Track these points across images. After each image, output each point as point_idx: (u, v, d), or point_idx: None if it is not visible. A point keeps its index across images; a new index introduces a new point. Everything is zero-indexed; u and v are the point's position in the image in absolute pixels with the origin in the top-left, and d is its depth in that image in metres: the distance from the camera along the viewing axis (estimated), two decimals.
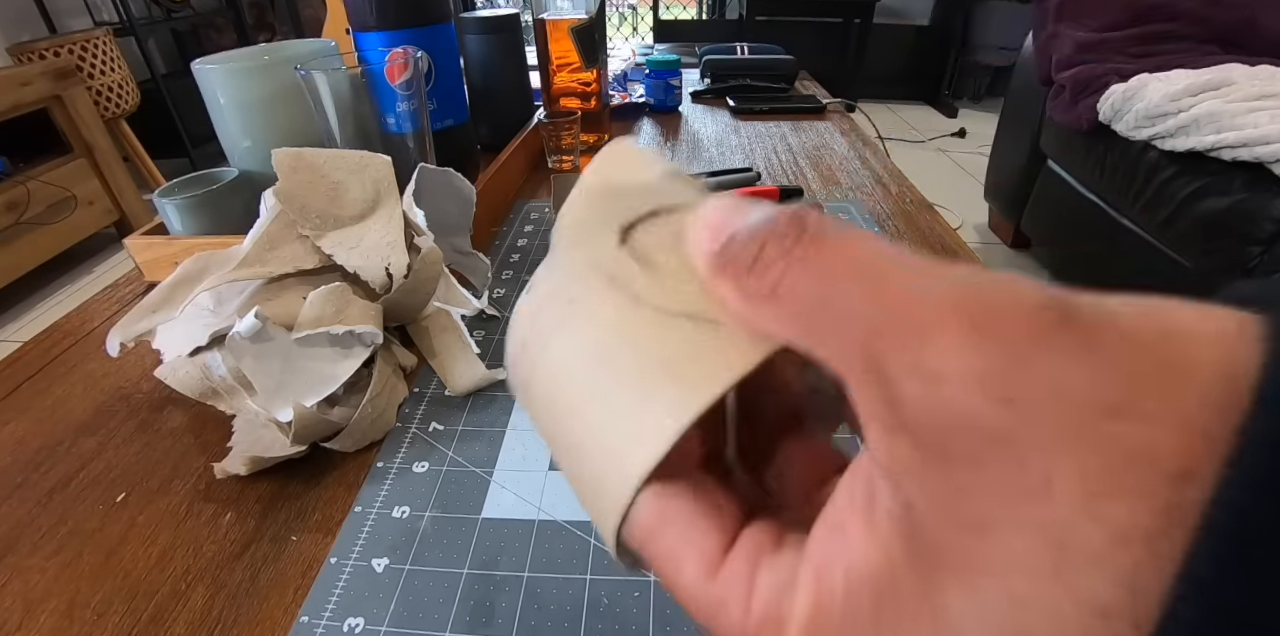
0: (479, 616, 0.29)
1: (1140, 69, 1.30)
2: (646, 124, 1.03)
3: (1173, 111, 1.17)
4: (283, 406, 0.37)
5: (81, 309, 0.55)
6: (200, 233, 0.56)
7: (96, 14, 2.53)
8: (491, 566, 0.32)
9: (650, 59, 1.05)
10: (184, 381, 0.41)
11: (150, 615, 0.30)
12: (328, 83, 0.49)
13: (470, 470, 0.37)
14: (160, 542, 0.33)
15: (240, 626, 0.29)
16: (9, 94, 1.80)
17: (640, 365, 0.12)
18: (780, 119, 1.02)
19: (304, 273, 0.43)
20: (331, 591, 0.31)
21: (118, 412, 0.42)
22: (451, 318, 0.46)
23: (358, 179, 0.45)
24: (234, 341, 0.37)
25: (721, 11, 3.36)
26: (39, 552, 0.33)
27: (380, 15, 0.63)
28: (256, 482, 0.37)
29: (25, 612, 0.30)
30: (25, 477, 0.38)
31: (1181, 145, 1.16)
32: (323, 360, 0.40)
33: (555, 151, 0.81)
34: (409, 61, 0.51)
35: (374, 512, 0.35)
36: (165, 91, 2.47)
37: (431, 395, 0.43)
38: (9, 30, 2.20)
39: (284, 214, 0.43)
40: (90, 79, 2.10)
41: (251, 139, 0.59)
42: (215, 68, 0.57)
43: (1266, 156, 1.04)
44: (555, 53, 0.83)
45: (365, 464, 0.38)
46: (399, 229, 0.44)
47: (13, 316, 1.82)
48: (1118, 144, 1.32)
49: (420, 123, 0.55)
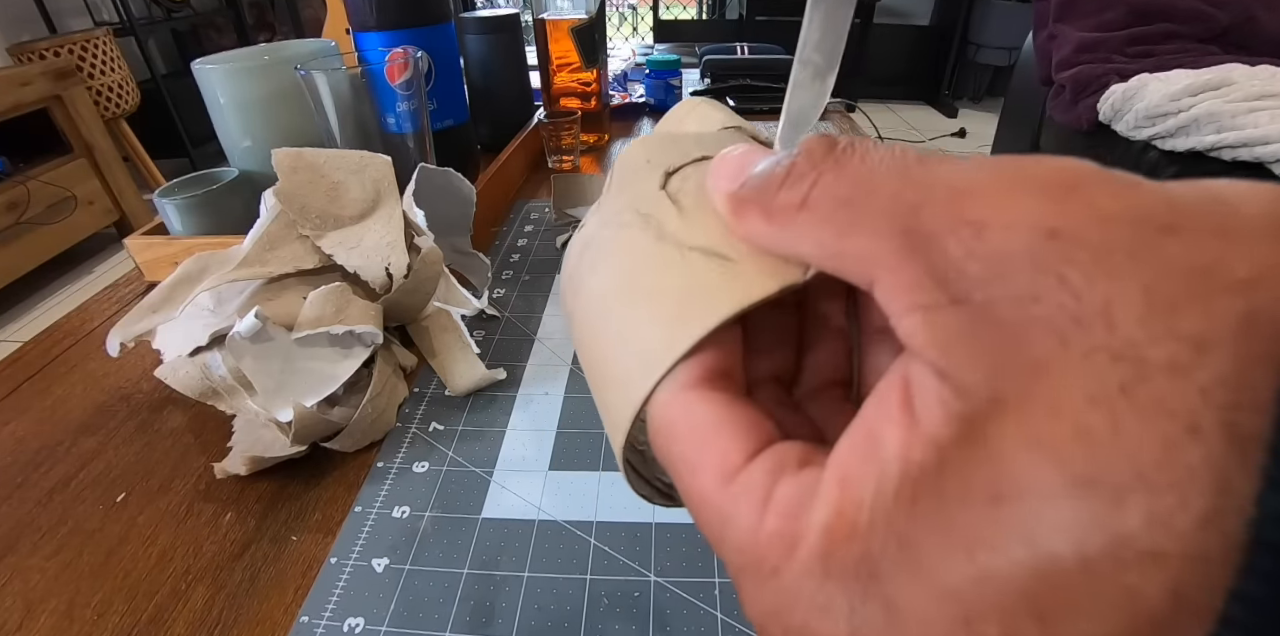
0: (479, 616, 0.29)
1: (1140, 69, 1.30)
2: (646, 124, 1.03)
3: (1173, 111, 1.17)
4: (283, 406, 0.37)
5: (81, 309, 0.55)
6: (200, 233, 0.56)
7: (96, 14, 2.53)
8: (491, 566, 0.32)
9: (650, 59, 1.05)
10: (184, 381, 0.41)
11: (150, 615, 0.30)
12: (328, 83, 0.49)
13: (470, 470, 0.37)
14: (160, 542, 0.33)
15: (240, 626, 0.29)
16: (9, 94, 1.81)
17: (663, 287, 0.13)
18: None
19: (304, 273, 0.43)
20: (331, 591, 0.31)
21: (118, 412, 0.42)
22: (451, 318, 0.46)
23: (358, 179, 0.45)
24: (234, 341, 0.37)
25: (721, 11, 3.36)
26: (39, 552, 0.33)
27: (380, 15, 0.63)
28: (256, 482, 0.37)
29: (25, 612, 0.30)
30: (25, 477, 0.38)
31: (1181, 145, 1.16)
32: (323, 360, 0.40)
33: (555, 151, 0.81)
34: (409, 61, 0.51)
35: (374, 512, 0.35)
36: (165, 91, 2.47)
37: (431, 395, 0.43)
38: (9, 30, 2.20)
39: (284, 214, 0.43)
40: (90, 79, 2.10)
41: (251, 139, 0.59)
42: (215, 68, 0.57)
43: (1266, 156, 1.04)
44: (555, 53, 0.83)
45: (365, 464, 0.38)
46: (399, 229, 0.44)
47: (13, 316, 1.82)
48: (1118, 144, 1.32)
49: (420, 123, 0.55)
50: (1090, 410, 0.08)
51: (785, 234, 0.12)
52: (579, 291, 0.15)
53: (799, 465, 0.11)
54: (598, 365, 0.14)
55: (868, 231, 0.10)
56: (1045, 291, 0.08)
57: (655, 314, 0.13)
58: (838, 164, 0.11)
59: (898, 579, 0.09)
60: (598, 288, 0.15)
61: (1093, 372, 0.08)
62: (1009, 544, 0.08)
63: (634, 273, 0.14)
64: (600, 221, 0.16)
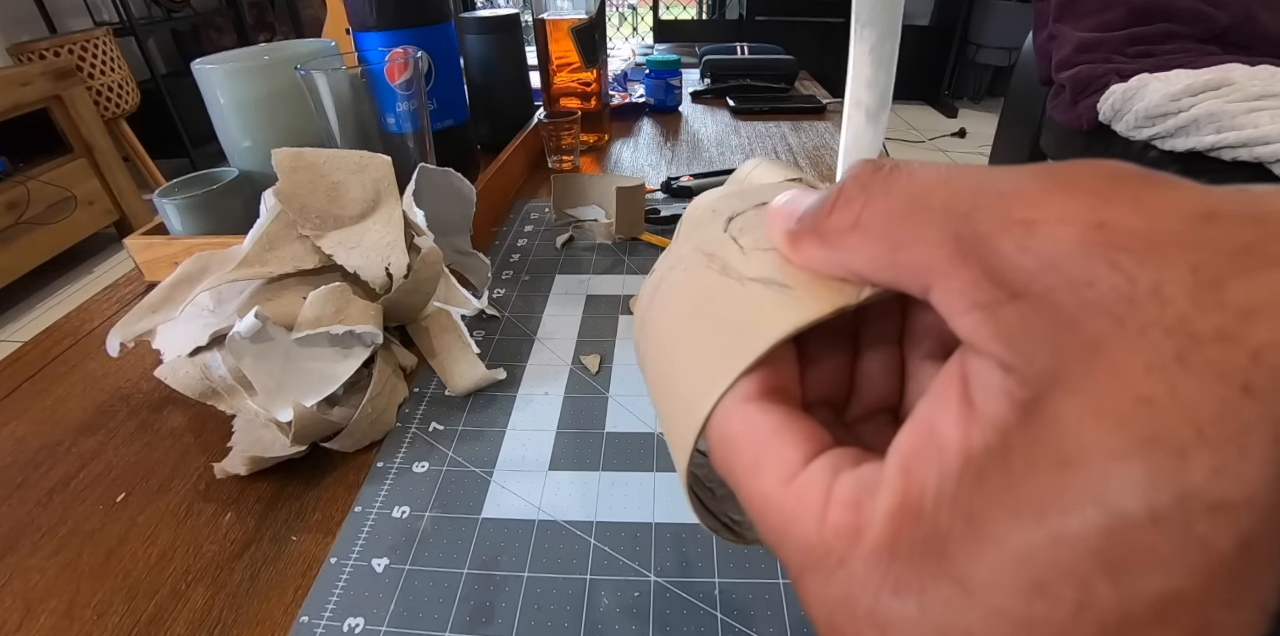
0: (479, 616, 0.29)
1: (1140, 69, 1.30)
2: (646, 124, 1.03)
3: (1173, 111, 1.17)
4: (283, 406, 0.37)
5: (81, 309, 0.55)
6: (200, 233, 0.56)
7: (96, 14, 2.53)
8: (491, 566, 0.32)
9: (650, 59, 1.05)
10: (184, 381, 0.41)
11: (150, 615, 0.30)
12: (328, 83, 0.49)
13: (470, 470, 0.37)
14: (160, 542, 0.33)
15: (240, 626, 0.29)
16: (9, 94, 1.81)
17: (726, 314, 0.15)
18: (780, 119, 1.02)
19: (304, 273, 0.43)
20: (331, 591, 0.31)
21: (118, 412, 0.42)
22: (451, 317, 0.46)
23: (358, 179, 0.45)
24: (234, 341, 0.37)
25: (721, 11, 3.36)
26: (39, 552, 0.33)
27: (380, 15, 0.63)
28: (256, 482, 0.37)
29: (25, 612, 0.30)
30: (25, 477, 0.38)
31: (1181, 145, 1.16)
32: (323, 360, 0.40)
33: (555, 151, 0.81)
34: (409, 61, 0.51)
35: (374, 512, 0.35)
36: (165, 91, 2.47)
37: (431, 395, 0.43)
38: (9, 30, 2.20)
39: (284, 214, 0.43)
40: (90, 79, 2.10)
41: (251, 139, 0.59)
42: (215, 68, 0.57)
43: (1266, 156, 1.04)
44: (555, 53, 0.83)
45: (365, 464, 0.38)
46: (399, 229, 0.44)
47: (13, 316, 1.82)
48: (1118, 144, 1.32)
49: (420, 123, 0.55)
50: (1148, 378, 0.08)
51: (840, 254, 0.12)
52: (649, 328, 0.17)
53: (855, 462, 0.12)
54: (666, 393, 0.15)
55: (921, 242, 0.11)
56: (1099, 276, 0.09)
57: (719, 337, 0.14)
58: (885, 185, 0.12)
59: (967, 553, 0.09)
60: (666, 322, 0.16)
61: (1149, 345, 0.08)
62: (1080, 505, 0.08)
63: (700, 303, 0.15)
64: (668, 265, 0.17)
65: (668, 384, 0.15)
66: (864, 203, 0.12)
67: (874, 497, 0.11)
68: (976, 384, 0.10)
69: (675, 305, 0.16)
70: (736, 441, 0.13)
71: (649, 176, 0.80)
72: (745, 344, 0.13)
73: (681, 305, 0.16)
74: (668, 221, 0.64)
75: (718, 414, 0.13)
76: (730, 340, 0.14)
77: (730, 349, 0.14)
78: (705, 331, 0.15)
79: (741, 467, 0.13)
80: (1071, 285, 0.09)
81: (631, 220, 0.60)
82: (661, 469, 0.37)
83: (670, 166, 0.84)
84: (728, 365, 0.13)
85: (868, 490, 0.11)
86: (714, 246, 0.16)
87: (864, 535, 0.10)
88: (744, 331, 0.14)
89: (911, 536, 0.10)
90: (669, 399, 0.15)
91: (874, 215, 0.12)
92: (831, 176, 0.78)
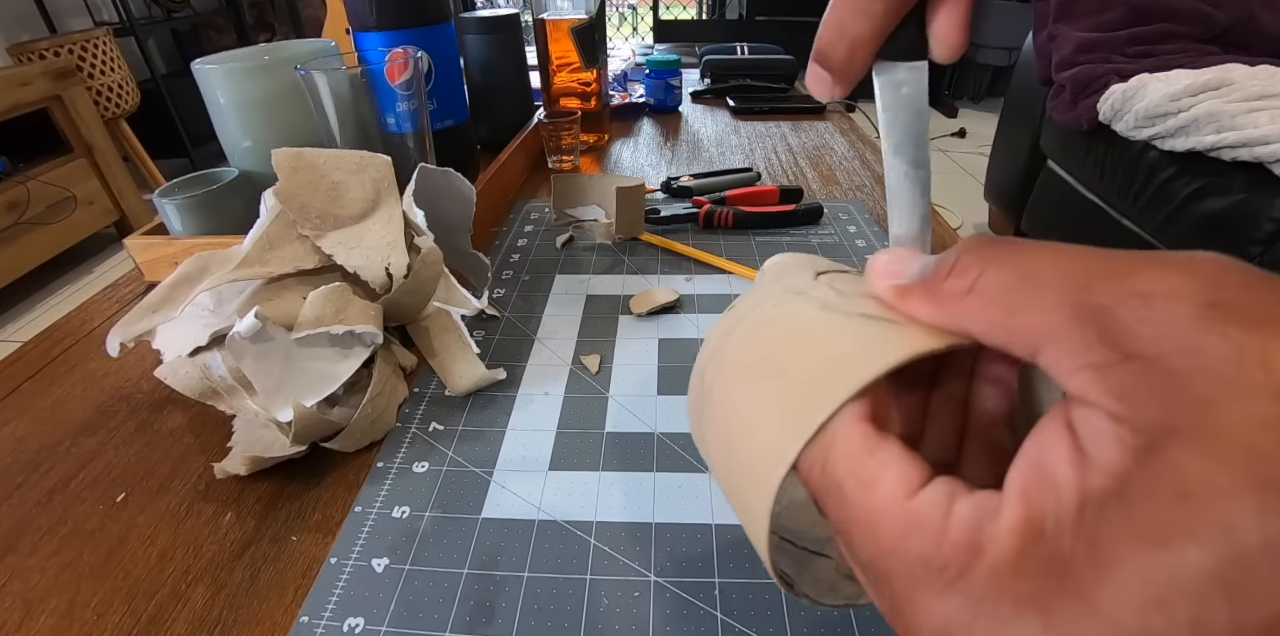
0: (479, 616, 0.29)
1: (1140, 69, 1.30)
2: (646, 124, 1.03)
3: (1173, 111, 1.17)
4: (283, 406, 0.37)
5: (81, 309, 0.55)
6: (200, 233, 0.56)
7: (96, 14, 2.53)
8: (491, 566, 0.32)
9: (650, 59, 1.05)
10: (184, 381, 0.41)
11: (150, 615, 0.30)
12: (328, 83, 0.49)
13: (470, 470, 0.37)
14: (160, 542, 0.33)
15: (240, 626, 0.29)
16: (9, 94, 1.81)
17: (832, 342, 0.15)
18: (780, 119, 1.02)
19: (304, 273, 0.43)
20: (331, 591, 0.31)
21: (118, 412, 0.42)
22: (451, 317, 0.46)
23: (358, 179, 0.45)
24: (234, 341, 0.37)
25: (721, 11, 3.36)
26: (39, 552, 0.33)
27: (380, 15, 0.63)
28: (256, 482, 0.37)
29: (25, 612, 0.30)
30: (25, 477, 0.38)
31: (1181, 145, 1.16)
32: (323, 360, 0.40)
33: (555, 151, 0.81)
34: (409, 61, 0.51)
35: (374, 512, 0.35)
36: (165, 91, 2.47)
37: (431, 395, 0.43)
38: (9, 30, 2.20)
39: (284, 214, 0.43)
40: (90, 79, 2.10)
41: (251, 139, 0.59)
42: (215, 68, 0.57)
43: (1266, 156, 1.04)
44: (555, 53, 0.83)
45: (365, 464, 0.38)
46: (399, 229, 0.44)
47: (13, 316, 1.82)
48: (1118, 144, 1.32)
49: (420, 123, 0.55)
50: (1257, 432, 0.10)
51: (952, 314, 0.14)
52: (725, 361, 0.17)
53: (969, 490, 0.13)
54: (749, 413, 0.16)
55: (1036, 309, 0.12)
56: (1210, 345, 0.10)
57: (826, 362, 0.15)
58: (1000, 257, 0.13)
59: (1092, 573, 0.10)
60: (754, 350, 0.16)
61: (1257, 404, 0.10)
62: (1200, 534, 0.09)
63: (800, 332, 0.16)
64: (753, 302, 0.18)
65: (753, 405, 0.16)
66: (980, 272, 0.13)
67: (995, 520, 0.12)
68: (1085, 431, 0.11)
69: (767, 334, 0.16)
70: (850, 453, 0.14)
71: (649, 176, 0.80)
72: (862, 363, 0.14)
73: (776, 334, 0.16)
74: (668, 221, 0.64)
75: (835, 426, 0.14)
76: (840, 364, 0.14)
77: (841, 371, 0.14)
78: (809, 354, 0.15)
79: (854, 481, 0.13)
80: (1184, 351, 0.10)
81: (631, 220, 0.60)
82: (661, 469, 0.37)
83: (670, 166, 0.84)
84: (842, 383, 0.14)
85: (988, 512, 0.12)
86: (807, 287, 0.17)
87: (986, 551, 0.11)
88: (856, 356, 0.14)
89: (1036, 554, 0.11)
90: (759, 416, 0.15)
91: (990, 283, 0.13)
92: (831, 176, 0.78)
